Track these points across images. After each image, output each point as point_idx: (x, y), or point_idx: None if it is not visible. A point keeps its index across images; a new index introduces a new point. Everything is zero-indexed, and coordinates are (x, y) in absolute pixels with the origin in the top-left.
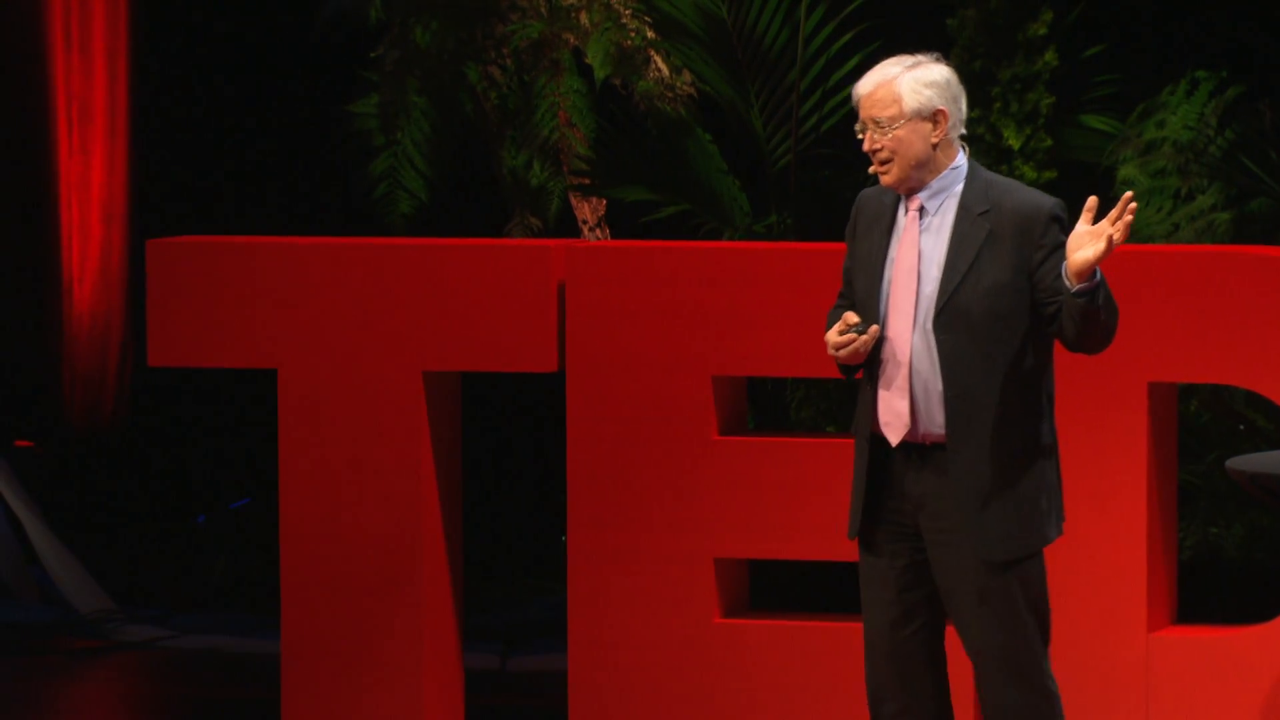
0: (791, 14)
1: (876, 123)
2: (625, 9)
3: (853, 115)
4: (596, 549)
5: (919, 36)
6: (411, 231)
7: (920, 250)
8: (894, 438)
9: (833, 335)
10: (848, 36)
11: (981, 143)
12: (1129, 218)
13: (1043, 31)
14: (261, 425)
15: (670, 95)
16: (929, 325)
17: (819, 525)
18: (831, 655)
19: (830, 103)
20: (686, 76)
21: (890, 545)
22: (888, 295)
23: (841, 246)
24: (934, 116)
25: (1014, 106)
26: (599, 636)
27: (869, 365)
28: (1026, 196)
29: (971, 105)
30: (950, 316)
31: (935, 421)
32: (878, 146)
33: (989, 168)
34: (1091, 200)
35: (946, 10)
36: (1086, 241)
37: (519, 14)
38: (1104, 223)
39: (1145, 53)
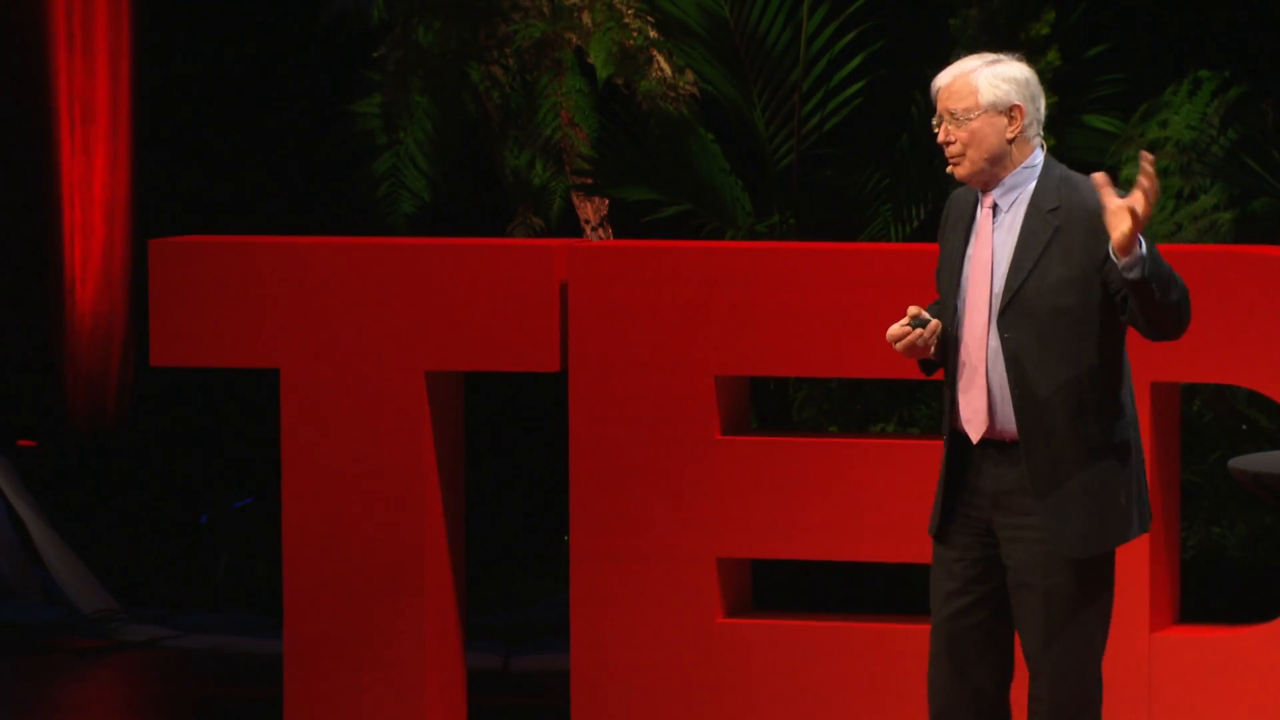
0: (794, 14)
1: (952, 114)
2: (627, 9)
3: (855, 115)
4: (599, 549)
5: (921, 37)
6: (414, 231)
7: (993, 248)
8: (975, 435)
9: (894, 328)
10: (850, 36)
11: None
12: (1144, 181)
13: (1045, 31)
14: (264, 425)
15: (672, 95)
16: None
17: (822, 525)
18: (834, 655)
19: (833, 102)
20: (689, 76)
21: (962, 539)
22: (966, 293)
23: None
24: (1010, 111)
25: None
26: (601, 636)
27: (949, 363)
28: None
29: None
30: (1015, 314)
31: (1011, 418)
32: (951, 139)
33: None
34: (1098, 175)
35: (949, 10)
36: (1118, 218)
37: (521, 14)
38: (1132, 195)
39: (1148, 52)
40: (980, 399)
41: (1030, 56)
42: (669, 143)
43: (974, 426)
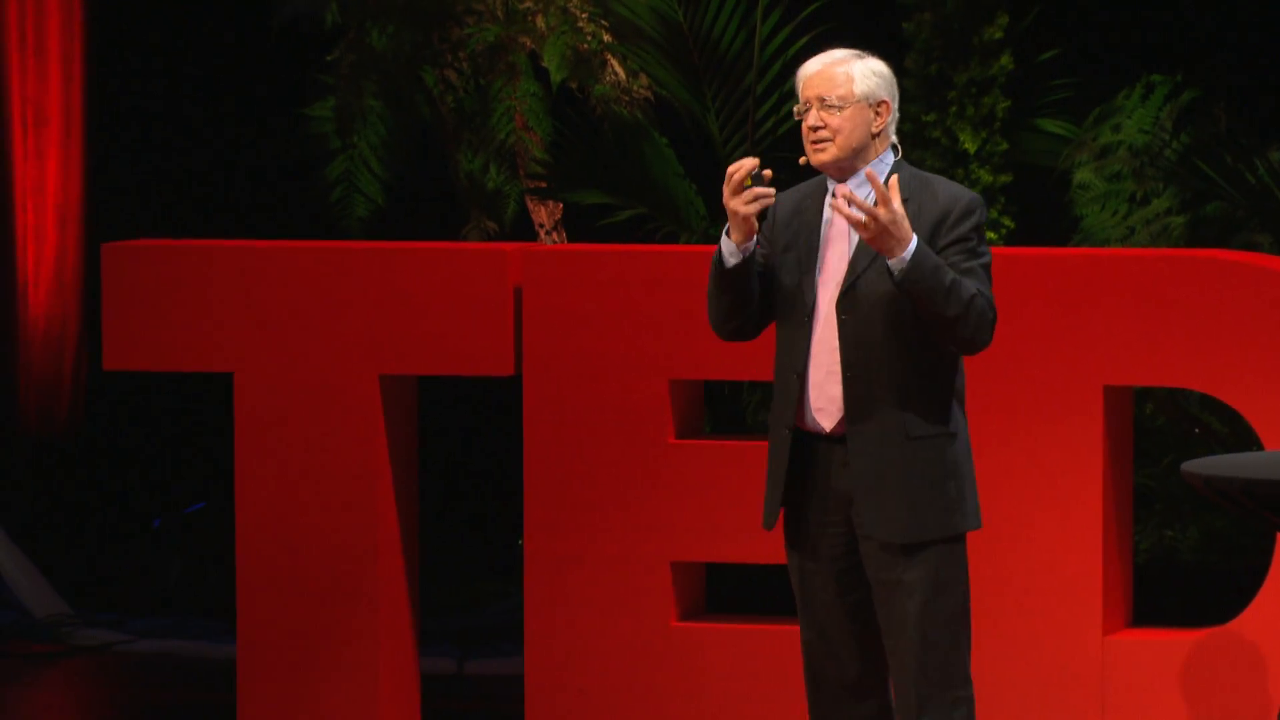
0: (748, 17)
1: (823, 100)
2: (582, 13)
3: None
4: (553, 552)
5: (875, 40)
6: (368, 235)
7: (849, 235)
8: (828, 424)
9: (743, 162)
10: (804, 40)
11: (937, 146)
12: (865, 215)
13: (998, 35)
14: (217, 429)
15: (626, 99)
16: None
17: (775, 529)
18: (788, 659)
19: (786, 106)
20: (643, 80)
21: (829, 549)
22: (820, 280)
23: None
24: (878, 106)
25: (970, 110)
26: (555, 640)
27: (796, 354)
28: (948, 189)
29: (927, 109)
30: (855, 299)
31: None
32: (821, 124)
33: (943, 171)
34: (841, 187)
35: (903, 14)
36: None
37: (475, 18)
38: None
39: (1101, 57)
40: (837, 386)
41: (984, 60)
42: (623, 147)
43: (828, 415)
